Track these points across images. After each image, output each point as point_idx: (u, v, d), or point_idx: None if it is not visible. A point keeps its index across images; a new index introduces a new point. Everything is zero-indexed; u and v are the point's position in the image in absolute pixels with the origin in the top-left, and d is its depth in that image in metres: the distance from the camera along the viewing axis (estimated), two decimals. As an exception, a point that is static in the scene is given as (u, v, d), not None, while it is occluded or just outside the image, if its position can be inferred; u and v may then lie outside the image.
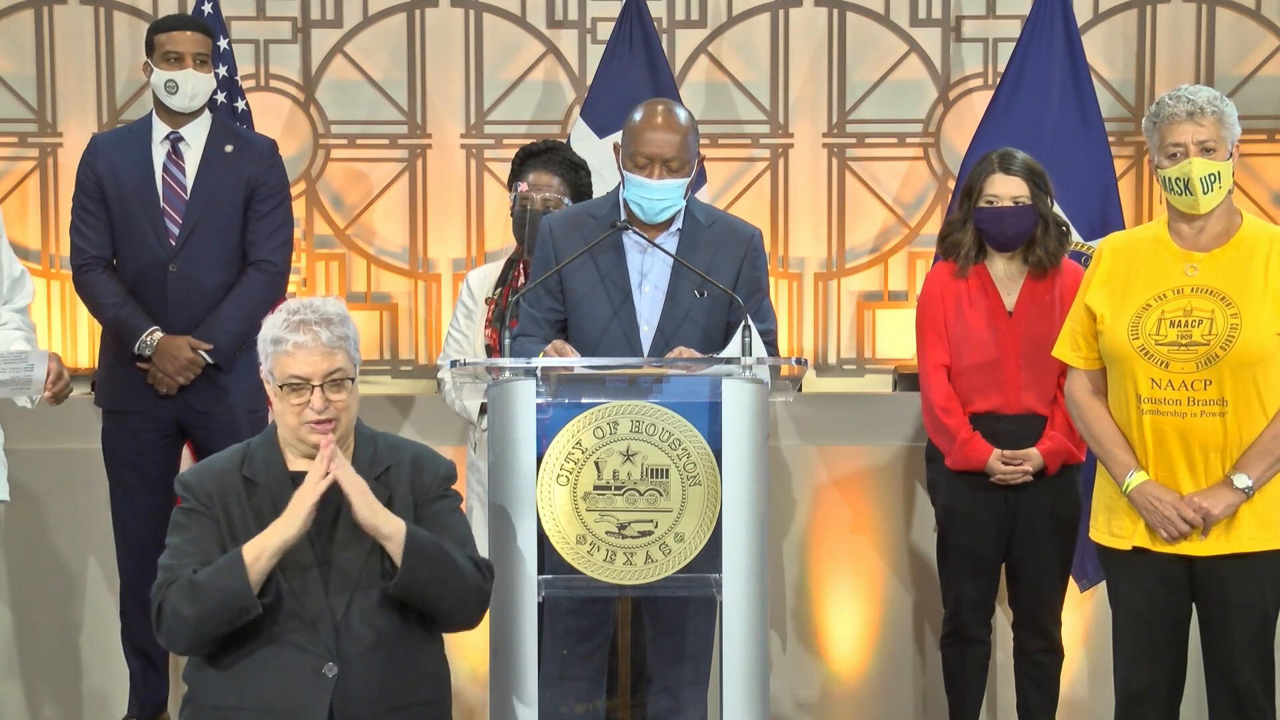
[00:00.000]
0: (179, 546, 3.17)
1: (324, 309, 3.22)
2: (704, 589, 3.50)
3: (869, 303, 5.53)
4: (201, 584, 3.08)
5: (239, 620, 3.08)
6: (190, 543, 3.17)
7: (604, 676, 3.79)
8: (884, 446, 5.12)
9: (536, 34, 5.51)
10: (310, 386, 3.16)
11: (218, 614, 3.07)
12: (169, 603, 3.11)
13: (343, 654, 3.12)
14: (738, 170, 5.51)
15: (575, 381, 3.54)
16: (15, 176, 5.48)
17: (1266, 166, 5.47)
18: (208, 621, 3.08)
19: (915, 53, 5.50)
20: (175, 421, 4.62)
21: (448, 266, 5.52)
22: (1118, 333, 3.66)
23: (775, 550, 5.02)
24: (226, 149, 4.65)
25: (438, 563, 3.15)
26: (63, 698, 5.07)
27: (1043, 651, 4.44)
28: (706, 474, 3.46)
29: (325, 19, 5.50)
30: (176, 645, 3.17)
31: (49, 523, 5.04)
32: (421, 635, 3.23)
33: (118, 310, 4.57)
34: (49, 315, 5.39)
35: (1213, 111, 3.60)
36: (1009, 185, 4.30)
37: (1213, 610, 3.67)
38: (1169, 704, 3.74)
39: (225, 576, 3.07)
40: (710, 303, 3.89)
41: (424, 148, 5.52)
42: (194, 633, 3.10)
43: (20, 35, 5.46)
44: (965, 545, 4.40)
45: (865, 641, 5.14)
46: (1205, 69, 5.44)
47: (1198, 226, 3.66)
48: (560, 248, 3.91)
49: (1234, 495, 3.58)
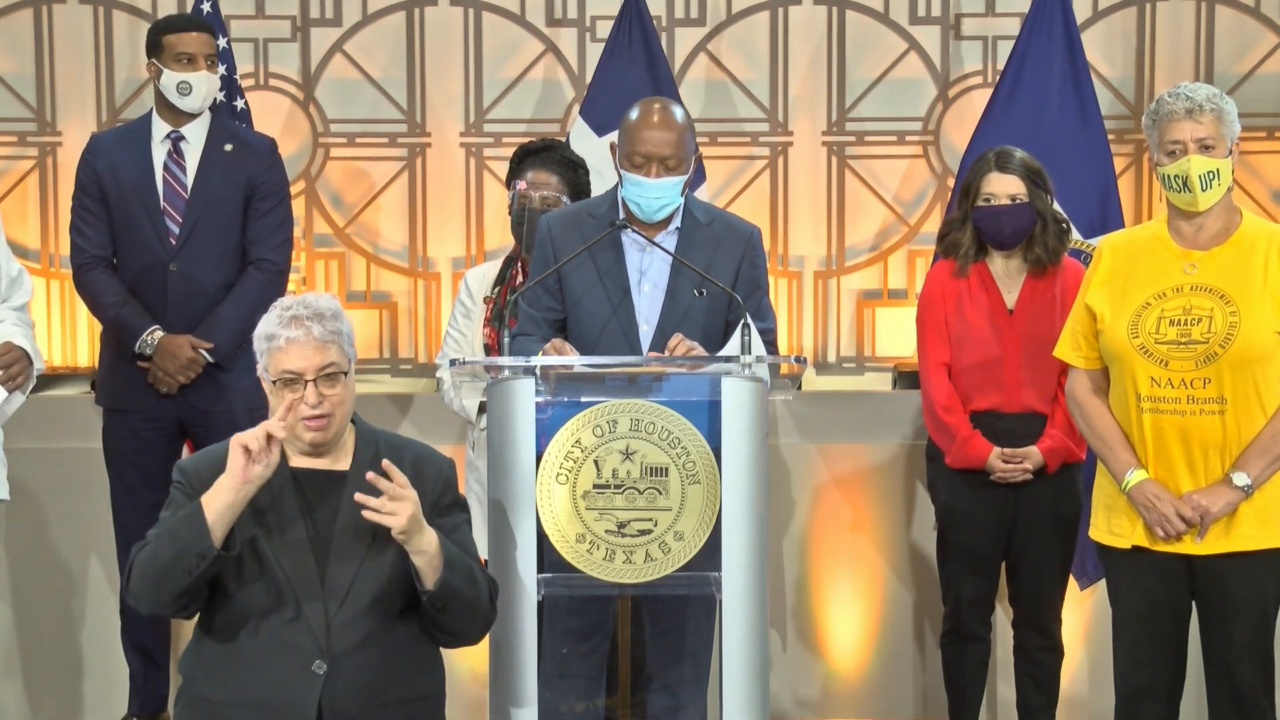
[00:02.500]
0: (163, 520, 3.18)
1: (316, 304, 3.23)
2: (703, 587, 3.50)
3: (869, 301, 5.52)
4: (161, 535, 3.10)
5: (198, 566, 3.05)
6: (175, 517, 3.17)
7: (604, 675, 3.79)
8: (883, 445, 5.12)
9: (536, 32, 5.51)
10: (304, 381, 3.17)
11: (176, 560, 3.06)
12: (137, 559, 3.13)
13: (333, 651, 3.12)
14: (737, 168, 5.51)
15: (574, 380, 3.54)
16: (14, 176, 5.48)
17: (1266, 164, 5.47)
18: (167, 569, 3.07)
19: (915, 51, 5.50)
20: (176, 420, 4.62)
21: (447, 265, 5.52)
22: (1117, 331, 3.66)
23: (775, 549, 5.02)
24: (226, 148, 4.65)
25: (468, 582, 3.17)
26: (63, 697, 5.08)
27: (1043, 650, 4.44)
28: (706, 472, 3.46)
29: (324, 18, 5.50)
30: (142, 603, 3.16)
31: (49, 522, 5.05)
32: (415, 631, 3.23)
33: (118, 309, 4.57)
34: (48, 315, 5.39)
35: (1212, 109, 3.60)
36: (1005, 184, 4.30)
37: (1212, 608, 3.67)
38: (1169, 702, 3.74)
39: (185, 526, 3.07)
40: (709, 301, 3.89)
41: (423, 146, 5.52)
42: (155, 580, 3.09)
43: (20, 35, 5.46)
44: (965, 543, 4.39)
45: (865, 640, 5.14)
46: (1205, 67, 5.44)
47: (1197, 225, 3.66)
48: (559, 247, 3.90)
49: (1233, 493, 3.57)
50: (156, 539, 3.11)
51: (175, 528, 3.09)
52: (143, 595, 3.15)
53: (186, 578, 3.07)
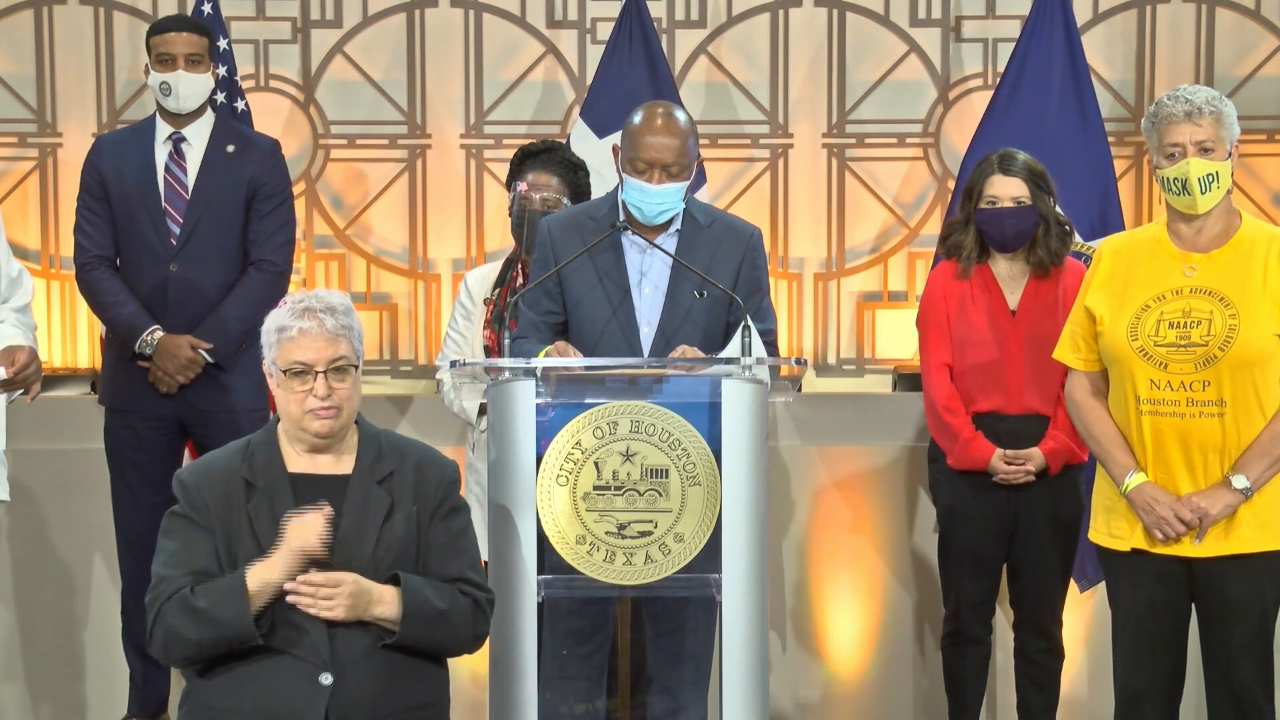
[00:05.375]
0: (173, 555, 3.16)
1: (329, 299, 3.23)
2: (704, 589, 3.51)
3: (869, 303, 5.53)
4: (203, 611, 3.08)
5: (237, 648, 3.09)
6: (183, 551, 3.16)
7: (604, 676, 3.79)
8: (884, 447, 5.12)
9: (536, 34, 5.51)
10: (314, 373, 3.16)
11: (217, 643, 3.08)
12: (165, 619, 3.11)
13: (338, 662, 3.11)
14: (737, 170, 5.51)
15: (575, 381, 3.55)
16: (15, 176, 5.49)
17: (1266, 167, 5.47)
18: (207, 647, 3.10)
19: (915, 53, 5.50)
20: (176, 420, 4.62)
21: (447, 266, 5.53)
22: (1117, 334, 3.66)
23: (775, 551, 5.02)
24: (229, 149, 4.66)
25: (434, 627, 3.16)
26: (63, 697, 5.08)
27: (1043, 652, 4.44)
28: (706, 474, 3.46)
29: (325, 19, 5.50)
30: (171, 661, 3.19)
31: (49, 523, 5.04)
32: None
33: (119, 309, 4.58)
34: (49, 315, 5.39)
35: (1211, 111, 3.60)
36: (1009, 186, 4.30)
37: (1212, 610, 3.67)
38: (1169, 704, 3.74)
39: (228, 607, 3.07)
40: (710, 303, 3.89)
41: (424, 148, 5.52)
42: (193, 654, 3.11)
43: (20, 35, 5.46)
44: (966, 545, 4.40)
45: (865, 642, 5.14)
46: (1205, 69, 5.44)
47: (1196, 227, 3.66)
48: (559, 249, 3.90)
49: (1232, 496, 3.57)
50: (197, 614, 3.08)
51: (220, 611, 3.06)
52: (173, 657, 3.16)
53: (224, 651, 3.10)
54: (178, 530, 3.19)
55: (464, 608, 3.20)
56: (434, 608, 3.15)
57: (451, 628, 3.19)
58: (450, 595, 3.19)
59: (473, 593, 3.23)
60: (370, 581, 3.13)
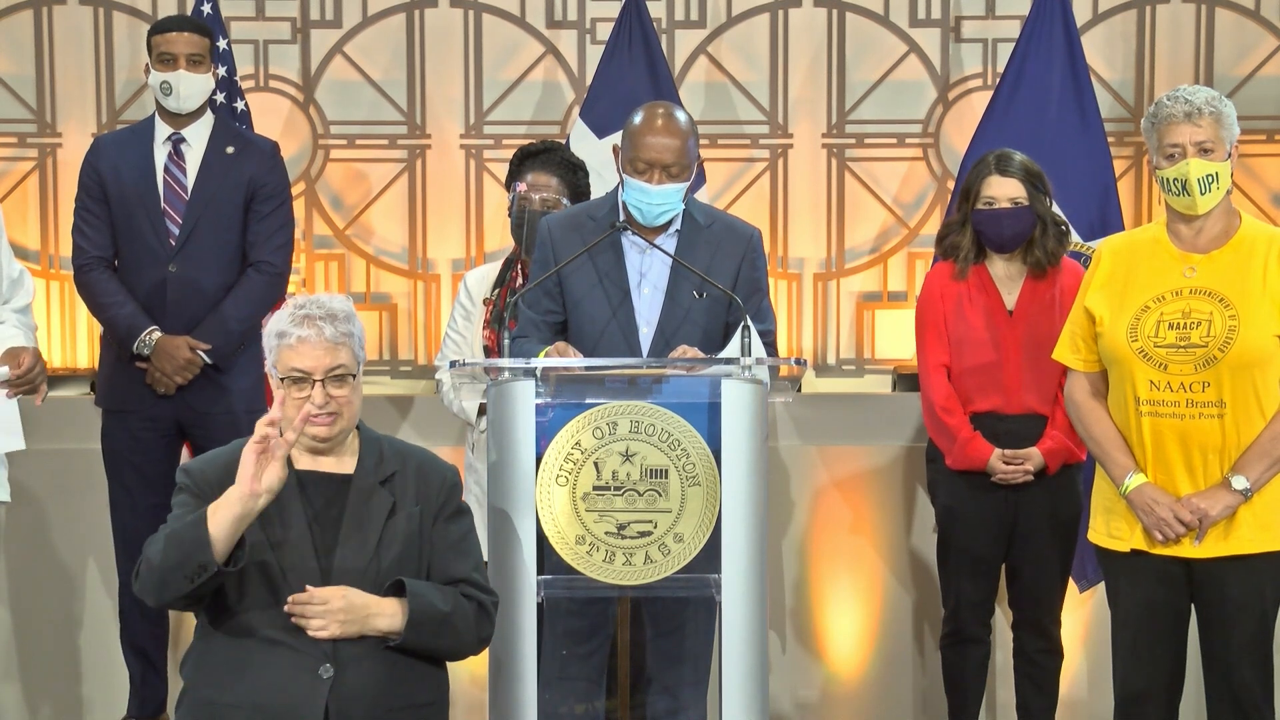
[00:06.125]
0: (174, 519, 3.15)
1: (330, 305, 3.23)
2: (703, 589, 3.50)
3: (868, 303, 5.53)
4: (169, 536, 3.07)
5: (199, 576, 3.03)
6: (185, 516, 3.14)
7: (603, 677, 3.79)
8: (883, 447, 5.12)
9: (536, 34, 5.51)
10: (311, 381, 3.16)
11: (180, 566, 3.04)
12: (144, 553, 3.11)
13: (339, 656, 3.11)
14: (737, 170, 5.51)
15: (574, 382, 3.55)
16: (15, 177, 5.49)
17: (1266, 167, 5.48)
18: (171, 572, 3.05)
19: (915, 53, 5.50)
20: (174, 421, 4.62)
21: (447, 267, 5.53)
22: (1116, 335, 3.66)
23: (775, 551, 5.02)
24: (228, 150, 4.66)
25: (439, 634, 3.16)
26: (63, 698, 5.07)
27: (1042, 652, 4.44)
28: (706, 474, 3.46)
29: (325, 19, 5.50)
30: (146, 595, 3.14)
31: (49, 523, 5.05)
32: None
33: (117, 310, 4.58)
34: (48, 315, 5.40)
35: (1210, 112, 3.60)
36: (1006, 187, 4.30)
37: (1212, 611, 3.67)
38: (1168, 705, 3.74)
39: (189, 530, 3.05)
40: (709, 303, 3.89)
41: (423, 148, 5.52)
42: (158, 581, 3.07)
43: (20, 35, 5.46)
44: (965, 545, 4.40)
45: (865, 642, 5.14)
46: (1205, 69, 5.44)
47: (1196, 228, 3.66)
48: (559, 249, 3.90)
49: (1232, 497, 3.57)
50: (165, 539, 3.09)
51: (182, 533, 3.06)
52: (147, 592, 3.13)
53: (189, 584, 3.05)
54: (183, 502, 3.18)
55: (468, 612, 3.21)
56: (439, 613, 3.15)
57: (456, 633, 3.19)
58: (454, 600, 3.19)
59: (477, 595, 3.23)
60: (367, 595, 3.13)
